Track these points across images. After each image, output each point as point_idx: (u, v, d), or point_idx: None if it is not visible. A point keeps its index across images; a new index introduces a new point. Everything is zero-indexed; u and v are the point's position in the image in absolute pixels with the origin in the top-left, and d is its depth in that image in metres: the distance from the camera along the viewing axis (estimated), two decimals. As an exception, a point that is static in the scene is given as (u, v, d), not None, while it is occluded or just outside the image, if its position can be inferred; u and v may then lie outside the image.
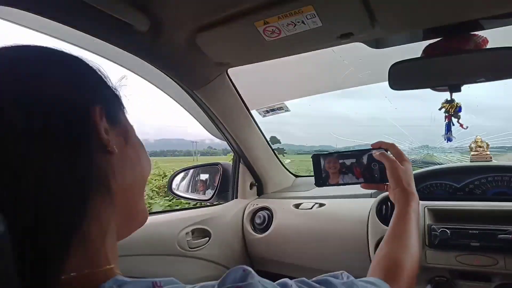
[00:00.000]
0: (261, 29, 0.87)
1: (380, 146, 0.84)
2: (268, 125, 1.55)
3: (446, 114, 0.87)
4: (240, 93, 1.32)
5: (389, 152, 0.83)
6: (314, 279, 0.49)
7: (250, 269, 0.40)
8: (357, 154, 0.87)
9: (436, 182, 1.22)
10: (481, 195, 1.15)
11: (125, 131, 0.48)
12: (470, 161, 1.23)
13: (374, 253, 1.08)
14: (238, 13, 0.84)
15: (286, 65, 1.18)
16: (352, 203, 1.29)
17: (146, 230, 1.20)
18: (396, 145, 0.84)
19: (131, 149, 0.48)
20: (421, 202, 1.10)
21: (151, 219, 1.24)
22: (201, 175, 1.66)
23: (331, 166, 0.90)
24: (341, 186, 1.50)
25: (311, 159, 0.92)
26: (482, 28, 0.82)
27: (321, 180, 0.91)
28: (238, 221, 1.47)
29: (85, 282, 0.36)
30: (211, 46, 1.00)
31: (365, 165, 0.86)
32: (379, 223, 1.11)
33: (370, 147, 0.86)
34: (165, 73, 1.14)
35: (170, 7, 0.84)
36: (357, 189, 1.38)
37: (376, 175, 0.85)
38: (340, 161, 0.88)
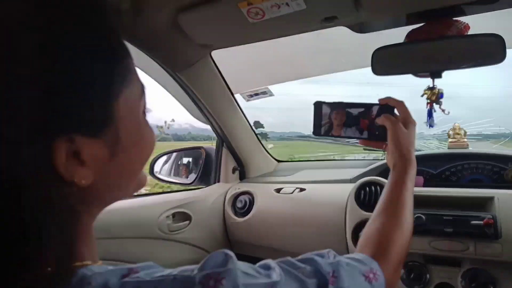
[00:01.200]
0: (244, 10, 0.86)
1: (388, 102, 0.78)
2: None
3: (428, 101, 0.88)
4: (224, 76, 1.30)
5: (396, 111, 0.78)
6: (299, 257, 0.48)
7: (232, 254, 0.38)
8: (365, 105, 0.80)
9: (414, 168, 1.24)
10: (457, 182, 1.18)
11: (115, 137, 0.39)
12: (448, 148, 1.26)
13: (351, 237, 1.11)
14: (221, -7, 0.83)
15: (270, 49, 1.17)
16: (331, 188, 1.31)
17: (126, 213, 1.18)
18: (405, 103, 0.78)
19: (123, 153, 0.40)
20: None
21: (131, 202, 1.23)
22: (184, 158, 1.64)
23: (337, 117, 0.83)
24: (322, 171, 1.54)
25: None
26: (464, 14, 0.82)
27: (319, 129, 0.85)
28: (220, 205, 1.47)
29: (55, 278, 0.34)
30: (193, 27, 0.98)
31: (371, 119, 0.80)
32: (357, 208, 1.13)
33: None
34: (146, 54, 1.11)
35: (151, -15, 0.82)
36: (337, 174, 1.42)
37: (377, 132, 0.79)
38: (347, 110, 0.82)
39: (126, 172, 0.42)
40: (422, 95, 0.89)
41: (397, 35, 0.89)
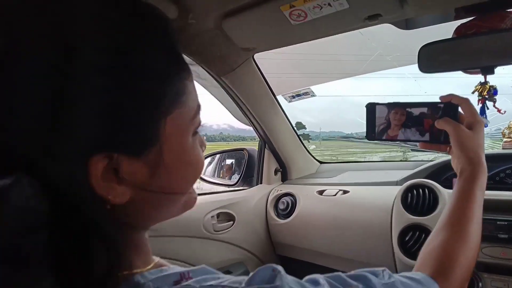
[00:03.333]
0: (287, 13, 0.87)
1: (451, 100, 0.70)
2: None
3: (480, 98, 0.83)
4: (266, 78, 1.32)
5: (460, 109, 0.70)
6: (351, 273, 0.45)
7: (280, 269, 0.37)
8: (428, 104, 0.73)
9: (466, 170, 1.18)
10: (512, 185, 1.11)
11: (157, 158, 0.38)
12: (502, 148, 1.18)
13: (398, 242, 1.07)
14: (263, -2, 0.85)
15: (313, 48, 1.17)
16: (376, 191, 1.27)
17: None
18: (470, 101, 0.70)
19: (165, 174, 0.39)
20: (448, 190, 1.07)
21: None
22: (227, 160, 1.68)
23: (395, 117, 0.76)
24: (367, 172, 1.50)
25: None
26: (521, 4, 0.77)
27: (374, 133, 0.79)
28: (262, 207, 1.49)
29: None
30: (237, 32, 1.00)
31: (435, 119, 0.72)
32: (404, 211, 1.09)
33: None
34: (191, 59, 1.15)
35: (197, -5, 0.85)
36: (382, 176, 1.38)
37: (440, 135, 0.72)
38: (408, 110, 0.75)
39: (167, 193, 0.41)
40: (473, 92, 0.85)
41: (446, 30, 0.86)
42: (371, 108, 0.79)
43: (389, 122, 0.77)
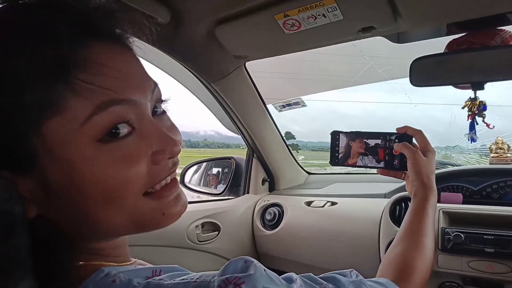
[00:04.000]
0: (281, 22, 0.87)
1: (406, 131, 0.80)
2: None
3: (469, 113, 0.85)
4: (257, 86, 1.32)
5: (414, 139, 0.80)
6: (321, 275, 0.49)
7: (253, 260, 0.38)
8: (383, 135, 0.83)
9: (453, 184, 1.19)
10: (498, 200, 1.12)
11: (42, 175, 0.34)
12: (489, 163, 1.20)
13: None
14: (258, 6, 0.85)
15: (304, 59, 1.17)
16: (365, 203, 1.27)
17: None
18: (423, 132, 0.80)
19: (62, 192, 0.35)
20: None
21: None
22: (214, 168, 1.66)
23: (354, 146, 0.85)
24: (355, 184, 1.50)
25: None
26: (510, 23, 0.80)
27: (336, 159, 0.88)
28: (248, 217, 1.47)
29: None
30: (230, 39, 1.00)
31: (388, 149, 0.82)
32: (391, 224, 1.09)
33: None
34: (183, 65, 1.14)
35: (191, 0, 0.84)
36: (370, 188, 1.38)
37: (395, 162, 0.82)
38: (365, 139, 0.84)
39: (77, 212, 0.36)
40: (463, 107, 0.87)
41: (437, 45, 0.87)
42: (334, 136, 0.88)
43: (349, 150, 0.86)
